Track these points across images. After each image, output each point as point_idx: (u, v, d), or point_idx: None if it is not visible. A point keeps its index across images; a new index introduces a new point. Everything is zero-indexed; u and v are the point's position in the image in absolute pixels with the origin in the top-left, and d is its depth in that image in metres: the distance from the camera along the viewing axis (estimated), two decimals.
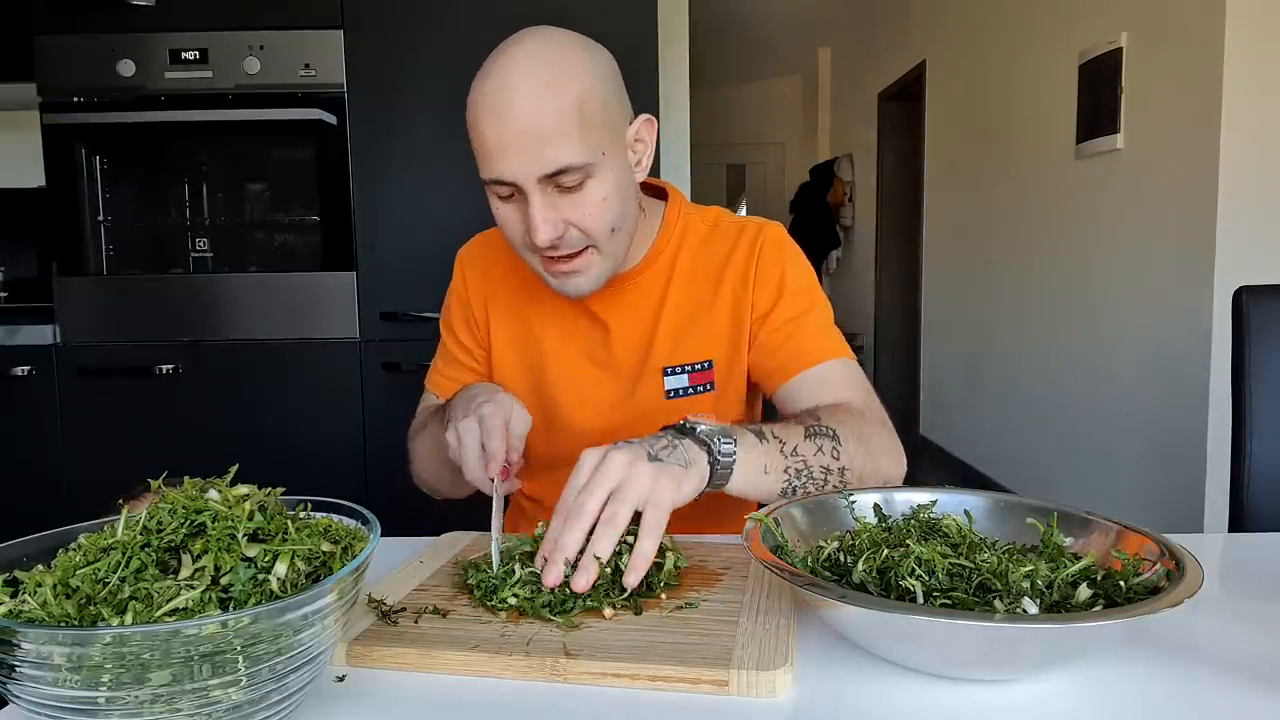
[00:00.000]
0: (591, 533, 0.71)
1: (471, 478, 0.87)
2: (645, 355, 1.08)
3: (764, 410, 1.21)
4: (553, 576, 0.71)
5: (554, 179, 0.90)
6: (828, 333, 1.08)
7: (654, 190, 1.14)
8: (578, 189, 0.91)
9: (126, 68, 2.12)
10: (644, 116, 1.00)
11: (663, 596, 0.74)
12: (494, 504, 0.84)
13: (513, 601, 0.71)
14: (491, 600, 0.72)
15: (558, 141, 0.88)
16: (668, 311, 1.08)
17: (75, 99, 2.13)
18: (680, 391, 1.08)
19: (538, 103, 0.87)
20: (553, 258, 0.96)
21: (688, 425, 0.82)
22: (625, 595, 0.72)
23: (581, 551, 0.71)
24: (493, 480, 0.86)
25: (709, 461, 0.79)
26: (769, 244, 1.09)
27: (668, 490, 0.73)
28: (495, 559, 0.77)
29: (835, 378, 1.05)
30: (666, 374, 1.08)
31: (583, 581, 0.70)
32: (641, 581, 0.72)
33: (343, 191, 2.18)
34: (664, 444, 0.77)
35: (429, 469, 1.11)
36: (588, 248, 0.96)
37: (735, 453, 0.81)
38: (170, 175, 2.25)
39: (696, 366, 1.08)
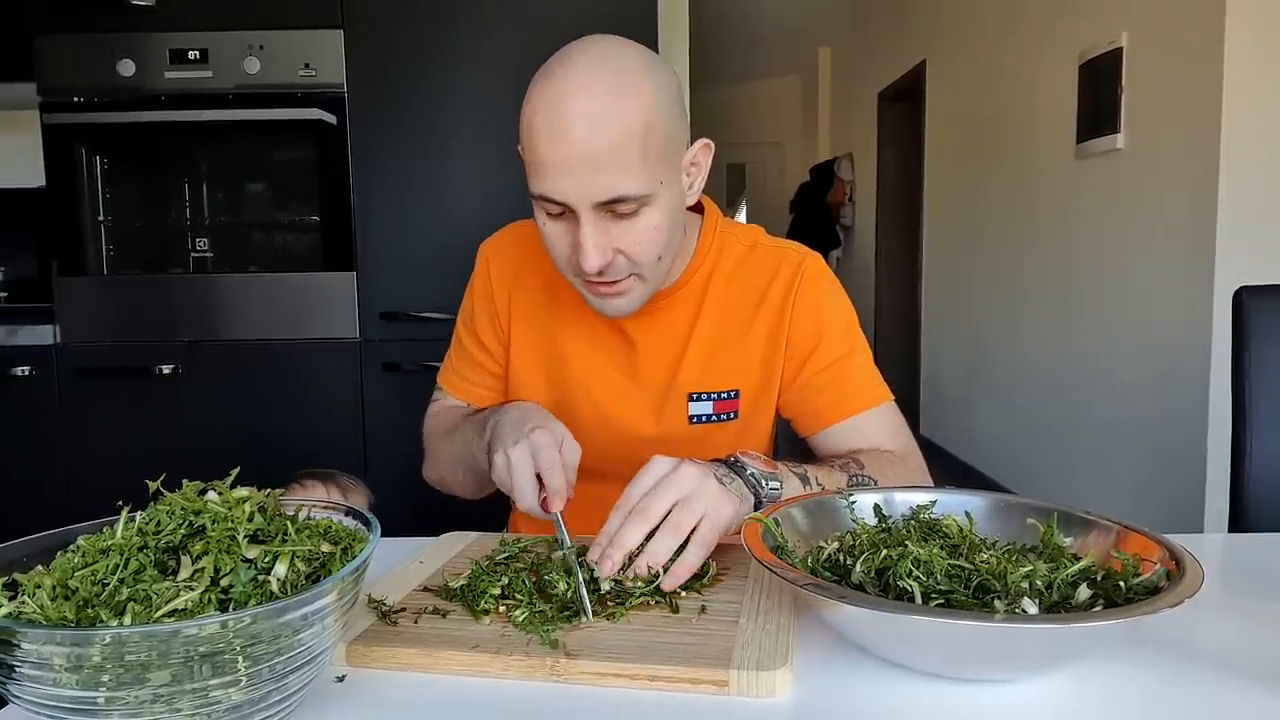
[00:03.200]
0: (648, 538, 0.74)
1: (526, 507, 0.85)
2: (672, 377, 1.06)
3: (776, 434, 1.20)
4: (608, 567, 0.73)
5: (609, 206, 0.86)
6: (869, 377, 1.06)
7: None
8: (631, 216, 0.88)
9: (126, 68, 2.12)
10: (702, 141, 0.96)
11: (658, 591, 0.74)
12: (561, 533, 0.82)
13: (501, 608, 0.71)
14: (478, 605, 0.71)
15: (617, 170, 0.84)
16: (698, 335, 1.06)
17: (75, 99, 2.13)
18: (705, 418, 1.06)
19: (600, 127, 0.83)
20: (595, 282, 0.93)
21: (738, 464, 0.83)
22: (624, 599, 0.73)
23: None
24: (551, 513, 0.84)
25: (754, 504, 0.82)
26: (809, 277, 1.06)
27: (729, 511, 0.77)
28: (582, 592, 0.72)
29: (876, 426, 1.04)
30: (691, 399, 1.06)
31: (642, 568, 0.73)
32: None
33: (343, 191, 2.18)
34: (724, 473, 0.80)
35: (451, 471, 1.09)
36: (631, 275, 0.93)
37: (781, 498, 0.83)
38: (170, 175, 2.25)
39: (723, 395, 1.06)
